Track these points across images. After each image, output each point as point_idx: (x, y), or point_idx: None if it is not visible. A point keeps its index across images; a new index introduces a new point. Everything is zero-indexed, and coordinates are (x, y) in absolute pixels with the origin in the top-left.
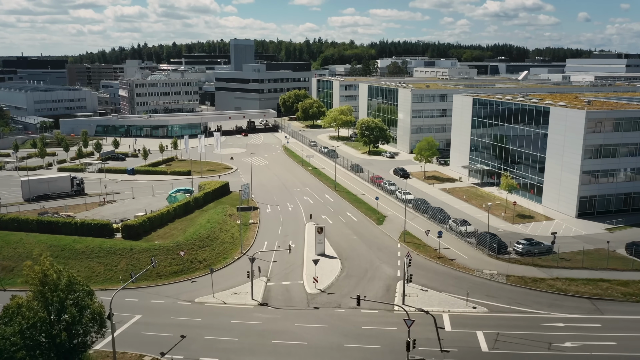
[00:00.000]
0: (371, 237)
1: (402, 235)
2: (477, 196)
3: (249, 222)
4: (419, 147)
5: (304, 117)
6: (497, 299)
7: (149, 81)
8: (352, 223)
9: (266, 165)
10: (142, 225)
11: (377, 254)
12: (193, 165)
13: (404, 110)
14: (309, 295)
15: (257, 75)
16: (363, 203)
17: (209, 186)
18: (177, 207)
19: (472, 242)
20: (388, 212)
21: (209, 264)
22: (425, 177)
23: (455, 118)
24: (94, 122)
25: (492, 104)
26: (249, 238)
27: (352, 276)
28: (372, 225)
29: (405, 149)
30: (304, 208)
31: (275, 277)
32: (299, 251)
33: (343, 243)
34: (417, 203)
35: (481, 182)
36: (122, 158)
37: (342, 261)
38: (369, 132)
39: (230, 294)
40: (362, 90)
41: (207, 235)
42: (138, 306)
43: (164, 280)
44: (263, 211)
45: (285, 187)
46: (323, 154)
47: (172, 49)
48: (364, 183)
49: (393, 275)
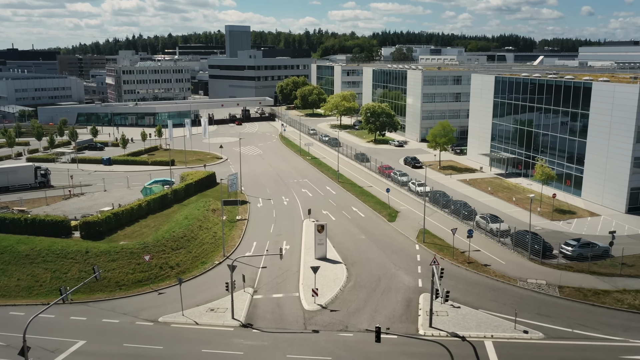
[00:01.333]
0: (383, 237)
1: (420, 235)
2: (503, 188)
3: (236, 218)
4: (433, 133)
5: (302, 105)
6: (554, 319)
7: (137, 68)
8: (358, 220)
9: (260, 155)
10: (106, 222)
11: (391, 257)
12: (178, 155)
13: (413, 95)
14: (306, 312)
15: (252, 61)
16: (371, 196)
17: (191, 177)
18: (151, 200)
19: (507, 243)
20: (401, 207)
21: (182, 270)
22: (440, 167)
23: (474, 101)
24: (75, 110)
25: (518, 82)
26: (235, 238)
27: (361, 287)
28: (383, 223)
29: (414, 137)
30: (302, 202)
31: (264, 287)
32: (294, 254)
33: (349, 244)
34: (436, 196)
35: (505, 172)
36: (100, 147)
37: (349, 267)
38: (375, 118)
39: (205, 311)
40: (367, 75)
41: (182, 235)
42: (84, 327)
43: (124, 291)
44: (254, 206)
45: (281, 178)
46: (324, 142)
47: (167, 41)
48: (370, 174)
49: (413, 286)
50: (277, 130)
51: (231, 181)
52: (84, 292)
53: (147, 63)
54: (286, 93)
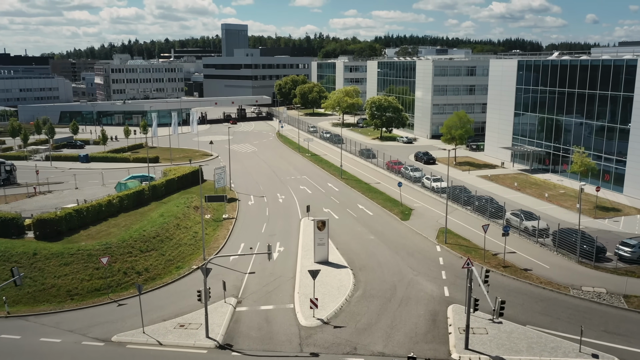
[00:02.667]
0: (396, 237)
1: (440, 234)
2: (531, 184)
3: (223, 217)
4: (447, 125)
5: (302, 103)
6: (627, 338)
7: (127, 66)
8: (366, 218)
9: (254, 152)
10: (66, 221)
11: (408, 261)
12: (165, 153)
13: (423, 87)
14: (302, 329)
15: (249, 59)
16: (379, 193)
17: (174, 172)
18: (124, 197)
19: (547, 243)
20: (414, 204)
21: (152, 276)
22: (456, 163)
23: (493, 90)
24: (58, 109)
25: (545, 65)
26: (220, 239)
27: (372, 296)
28: (395, 221)
29: (424, 134)
30: (300, 199)
31: (250, 297)
32: (289, 258)
33: (355, 245)
34: (455, 192)
35: (530, 168)
36: (80, 145)
37: (356, 272)
38: (381, 112)
39: (172, 327)
40: (371, 69)
41: (154, 234)
42: (13, 350)
43: (76, 302)
44: (244, 203)
45: (276, 175)
46: (325, 139)
47: (164, 46)
48: (377, 170)
49: (438, 296)
50: (274, 129)
51: (218, 176)
52: (27, 303)
53: (137, 62)
54: (285, 92)
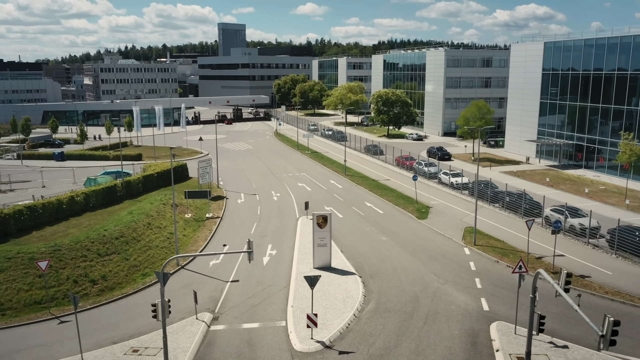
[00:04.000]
0: (413, 238)
1: (466, 234)
2: (564, 180)
3: (206, 216)
4: (465, 117)
5: (302, 103)
6: None
7: (117, 66)
8: (375, 217)
9: (249, 150)
10: (15, 219)
11: (430, 266)
12: (149, 151)
13: (434, 80)
14: (297, 355)
15: (247, 59)
16: (389, 190)
17: (154, 168)
18: (91, 193)
19: (601, 244)
20: (432, 201)
21: (111, 285)
22: (474, 159)
23: (515, 77)
24: (40, 108)
25: (578, 46)
26: (200, 240)
27: (388, 311)
28: (410, 220)
29: (435, 131)
30: (297, 197)
31: (230, 313)
32: (283, 262)
33: (364, 248)
34: (480, 187)
35: (559, 163)
36: (59, 144)
37: (366, 280)
38: (388, 108)
39: (122, 353)
40: (376, 64)
41: (118, 235)
42: None
43: (7, 318)
44: (233, 202)
45: (272, 172)
46: (326, 137)
47: (162, 51)
48: (385, 167)
49: (474, 310)
50: (271, 129)
51: (202, 170)
52: None
53: (128, 62)
54: (284, 93)
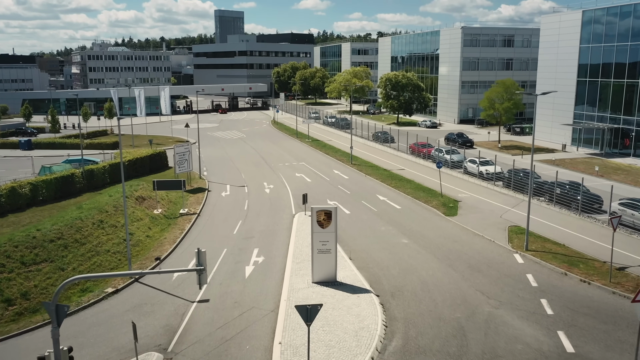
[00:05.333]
0: (444, 241)
1: (513, 236)
2: (616, 170)
3: (180, 212)
4: (489, 98)
5: (303, 91)
6: None
7: (106, 53)
8: (391, 213)
9: (241, 139)
10: None
11: (472, 279)
12: (128, 139)
13: (449, 61)
14: None
15: (244, 45)
16: (406, 181)
17: (125, 155)
18: (40, 184)
19: None
20: (459, 194)
21: (32, 307)
22: (501, 147)
23: (546, 54)
24: (19, 96)
25: (626, 12)
26: (166, 243)
27: (422, 352)
28: (436, 217)
29: (451, 118)
30: (294, 189)
31: (189, 353)
32: (272, 274)
33: (380, 253)
34: (519, 177)
35: (602, 151)
36: (32, 133)
37: (385, 301)
38: (398, 92)
39: None
40: (383, 47)
41: (55, 236)
42: None
43: None
44: (216, 194)
45: (265, 161)
46: (329, 124)
47: (159, 44)
48: (397, 155)
49: (554, 351)
50: (269, 118)
51: (180, 157)
52: None
53: (119, 49)
54: (283, 81)
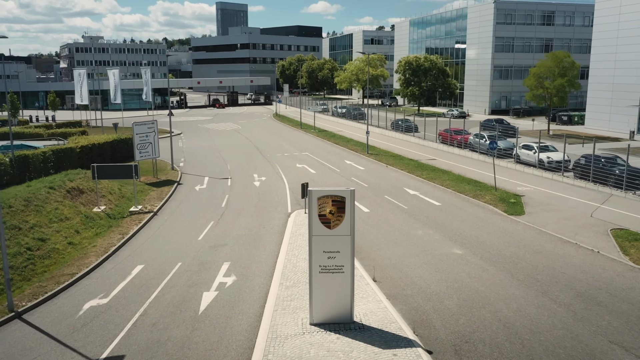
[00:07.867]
0: (518, 251)
1: (624, 244)
2: None
3: (130, 209)
4: (536, 74)
5: (310, 85)
6: None
7: (97, 45)
8: (428, 211)
9: (236, 130)
10: None
11: (592, 319)
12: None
13: (478, 43)
14: None
15: (247, 38)
16: (441, 171)
17: (77, 141)
18: None
19: None
20: (518, 187)
21: None
22: (552, 135)
23: (602, 28)
24: None
25: None
26: (92, 255)
27: None
28: (496, 217)
29: (481, 108)
30: (293, 181)
31: None
32: (245, 305)
33: (421, 271)
34: (599, 165)
35: None
36: None
37: None
38: (419, 78)
39: None
40: (400, 32)
41: None
42: None
43: None
44: (188, 188)
45: (260, 152)
46: (339, 115)
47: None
48: (423, 144)
49: None
50: (270, 112)
51: (141, 139)
52: None
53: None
54: (289, 75)
